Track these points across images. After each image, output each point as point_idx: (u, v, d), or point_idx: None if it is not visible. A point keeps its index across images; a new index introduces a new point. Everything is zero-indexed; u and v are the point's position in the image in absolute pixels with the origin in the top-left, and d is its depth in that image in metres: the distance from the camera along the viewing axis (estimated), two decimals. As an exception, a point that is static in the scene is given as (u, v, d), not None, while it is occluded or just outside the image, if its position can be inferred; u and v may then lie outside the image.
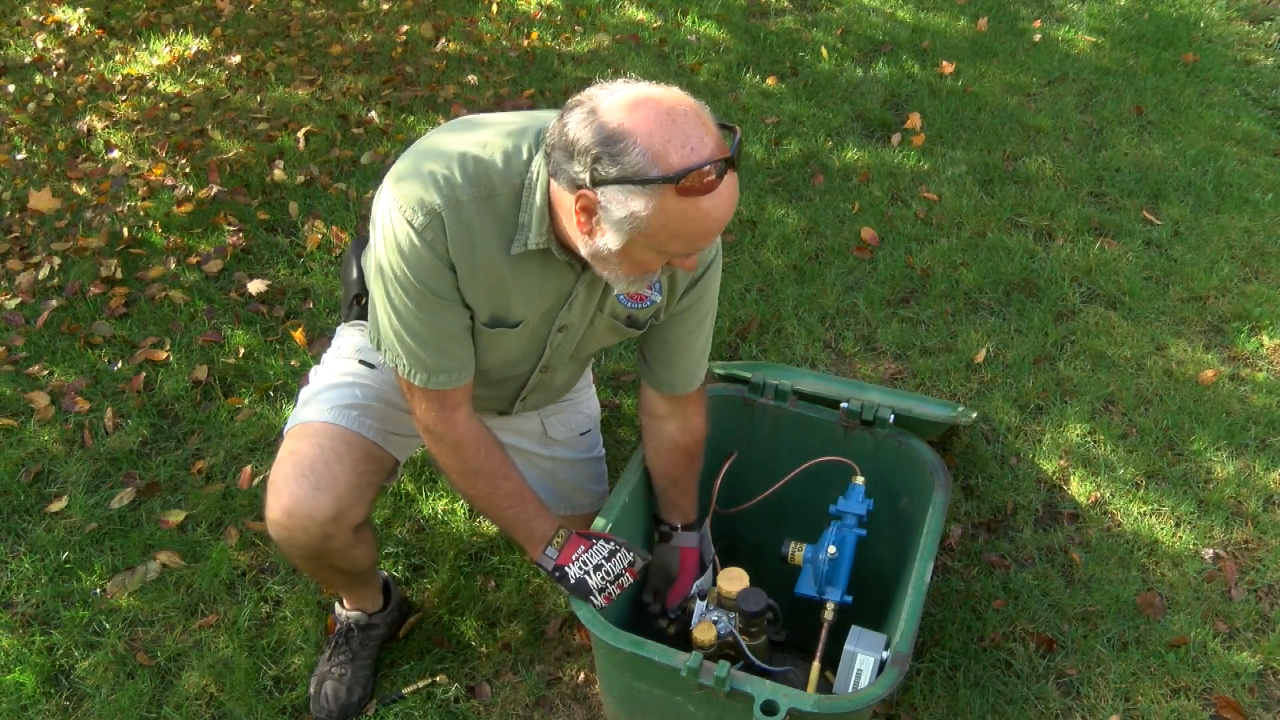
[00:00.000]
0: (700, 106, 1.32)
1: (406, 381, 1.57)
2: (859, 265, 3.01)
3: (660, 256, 1.39)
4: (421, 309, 1.49)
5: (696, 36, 4.22)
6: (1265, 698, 1.96)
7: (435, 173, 1.43)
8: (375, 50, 4.20)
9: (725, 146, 1.31)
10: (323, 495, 1.64)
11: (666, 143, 1.27)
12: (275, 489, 1.66)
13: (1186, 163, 3.43)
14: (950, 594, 2.14)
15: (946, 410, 2.05)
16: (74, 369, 2.72)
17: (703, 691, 1.49)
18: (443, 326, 1.52)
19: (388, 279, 1.49)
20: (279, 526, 1.66)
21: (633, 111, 1.29)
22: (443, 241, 1.44)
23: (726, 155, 1.30)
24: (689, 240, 1.36)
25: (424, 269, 1.46)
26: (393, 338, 1.54)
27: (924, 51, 4.09)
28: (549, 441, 1.99)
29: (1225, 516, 2.28)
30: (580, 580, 1.60)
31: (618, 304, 1.63)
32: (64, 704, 1.98)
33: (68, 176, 3.48)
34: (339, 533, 1.67)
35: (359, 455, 1.70)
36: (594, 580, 1.60)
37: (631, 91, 1.32)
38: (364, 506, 1.71)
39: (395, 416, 1.79)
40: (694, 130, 1.29)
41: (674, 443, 1.80)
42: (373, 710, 1.95)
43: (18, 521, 2.34)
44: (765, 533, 1.97)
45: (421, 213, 1.43)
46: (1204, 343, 2.74)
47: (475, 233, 1.45)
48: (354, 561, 1.78)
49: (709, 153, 1.28)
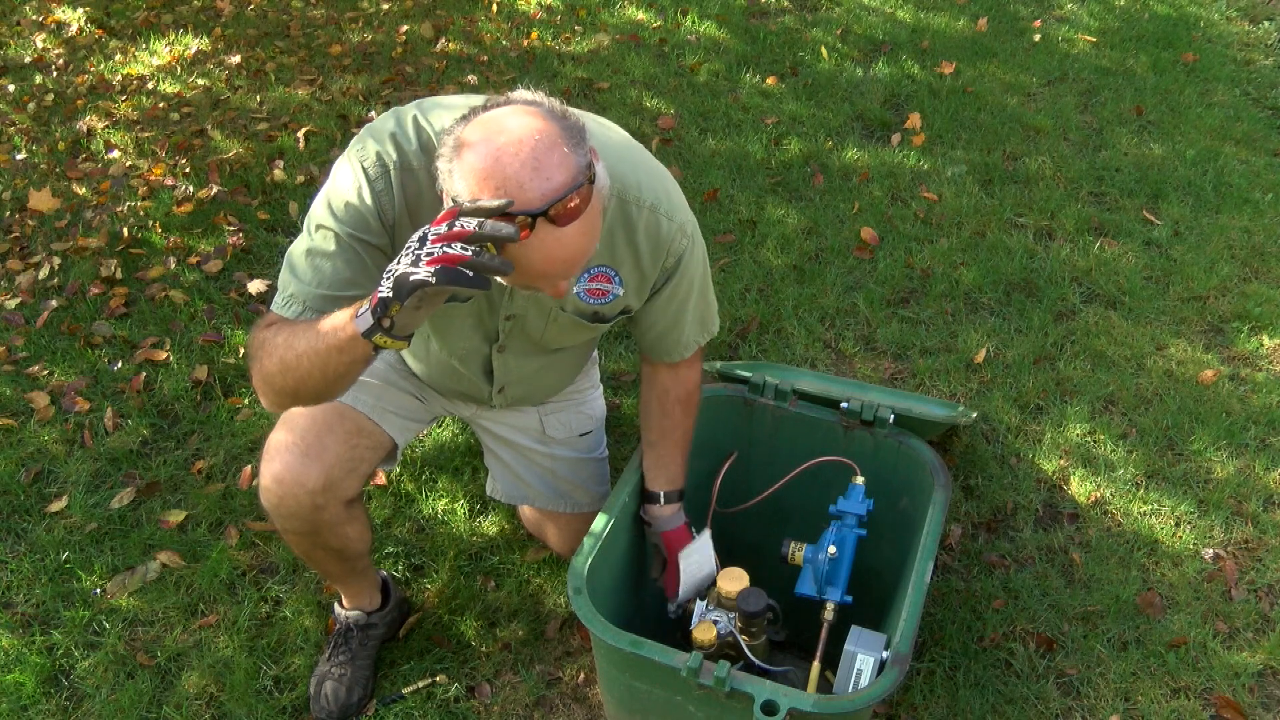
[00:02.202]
0: (555, 146, 1.23)
1: (269, 316, 1.47)
2: (859, 265, 3.01)
3: (509, 279, 1.33)
4: (339, 252, 1.44)
5: (696, 36, 4.22)
6: (1265, 698, 1.96)
7: (395, 134, 1.45)
8: (375, 50, 4.20)
9: (550, 199, 1.22)
10: (312, 463, 1.65)
11: (483, 179, 1.22)
12: (268, 457, 1.68)
13: (1186, 163, 3.43)
14: (950, 594, 2.14)
15: (946, 410, 2.05)
16: (74, 369, 2.72)
17: (703, 691, 1.49)
18: (348, 271, 1.45)
19: (317, 216, 1.46)
20: (269, 493, 1.68)
21: (478, 140, 1.24)
22: (390, 196, 1.44)
23: (533, 211, 1.22)
24: (527, 278, 1.31)
25: (359, 219, 1.44)
26: (289, 270, 1.47)
27: (924, 51, 4.09)
28: (547, 440, 1.99)
29: (1225, 516, 2.28)
30: (395, 283, 1.22)
31: (579, 301, 1.62)
32: (64, 704, 1.98)
33: (68, 176, 3.48)
34: (329, 504, 1.68)
35: (351, 428, 1.72)
36: (403, 265, 1.23)
37: (499, 118, 1.26)
38: (356, 480, 1.73)
39: (393, 395, 1.80)
40: (518, 175, 1.21)
41: (664, 389, 1.81)
42: (373, 710, 1.95)
43: (18, 521, 2.34)
44: (765, 533, 1.97)
45: (376, 165, 1.43)
46: (1204, 343, 2.74)
47: (426, 198, 1.44)
48: (347, 541, 1.78)
49: (522, 203, 1.22)
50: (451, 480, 2.39)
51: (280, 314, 1.46)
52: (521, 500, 2.08)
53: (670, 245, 1.59)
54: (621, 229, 1.55)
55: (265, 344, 1.42)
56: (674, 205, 1.58)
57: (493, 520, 2.30)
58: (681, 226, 1.59)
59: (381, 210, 1.44)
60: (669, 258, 1.61)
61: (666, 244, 1.59)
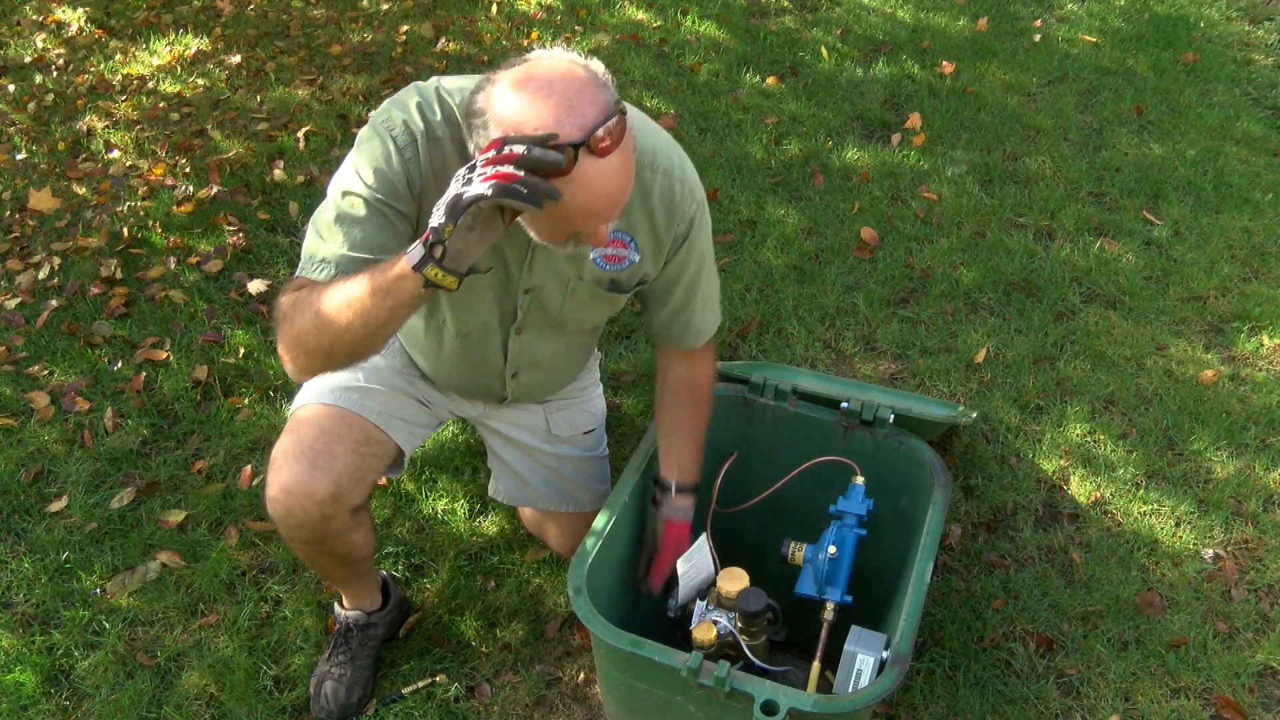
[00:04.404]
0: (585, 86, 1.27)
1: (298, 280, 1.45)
2: (859, 265, 3.01)
3: (549, 233, 1.38)
4: (369, 218, 1.44)
5: (696, 36, 4.22)
6: (1265, 698, 1.96)
7: (421, 104, 1.47)
8: (375, 50, 4.20)
9: (588, 130, 1.25)
10: (321, 474, 1.64)
11: (519, 125, 1.26)
12: (275, 467, 1.67)
13: (1186, 163, 3.43)
14: (950, 594, 2.14)
15: (946, 410, 2.05)
16: (74, 369, 2.72)
17: (703, 691, 1.49)
18: (379, 237, 1.45)
19: (345, 184, 1.46)
20: (277, 504, 1.66)
21: (506, 90, 1.29)
22: (417, 165, 1.45)
23: (574, 141, 1.25)
24: (569, 221, 1.34)
25: (389, 185, 1.44)
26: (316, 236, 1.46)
27: (924, 51, 4.09)
28: (553, 439, 1.99)
29: (1225, 516, 2.28)
30: (453, 201, 1.23)
31: (596, 269, 1.63)
32: (64, 704, 1.98)
33: (68, 176, 3.48)
34: (337, 514, 1.67)
35: (359, 437, 1.71)
36: (454, 192, 1.23)
37: (524, 69, 1.30)
38: (363, 489, 1.72)
39: (400, 402, 1.80)
40: (554, 113, 1.25)
41: (678, 379, 1.82)
42: (373, 710, 1.95)
43: (18, 521, 2.34)
44: (765, 533, 1.97)
45: (405, 134, 1.45)
46: (1204, 343, 2.74)
47: (451, 169, 1.44)
48: (352, 547, 1.77)
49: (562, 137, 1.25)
50: (451, 480, 2.40)
51: (310, 278, 1.44)
52: (524, 502, 2.09)
53: (683, 209, 1.62)
54: (637, 193, 1.56)
55: (298, 302, 1.39)
56: (685, 171, 1.62)
57: (493, 520, 2.30)
58: (692, 191, 1.62)
59: (410, 178, 1.45)
60: (681, 222, 1.63)
61: (679, 208, 1.61)
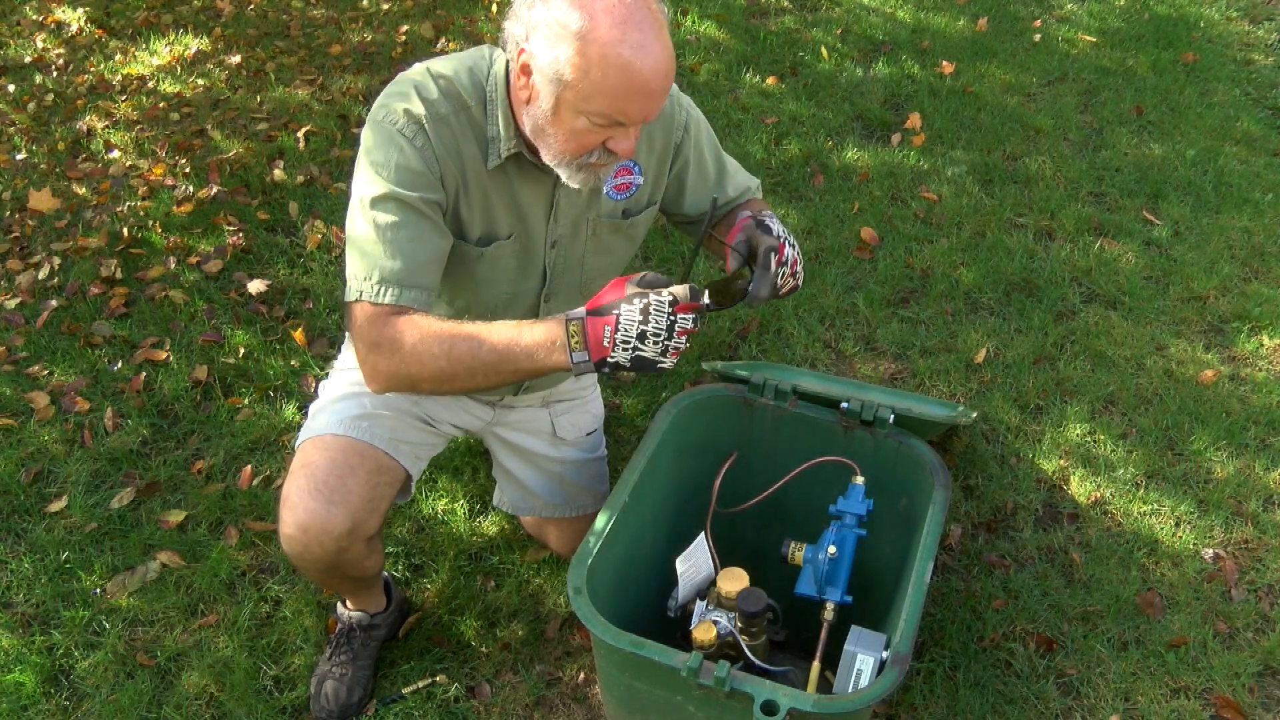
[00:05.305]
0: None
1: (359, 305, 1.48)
2: (859, 265, 3.01)
3: (593, 126, 1.40)
4: (405, 221, 1.47)
5: (696, 36, 4.22)
6: (1265, 698, 1.96)
7: (417, 88, 1.49)
8: (375, 50, 4.20)
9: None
10: (337, 509, 1.63)
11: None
12: (289, 504, 1.64)
13: (1186, 163, 3.43)
14: (950, 594, 2.14)
15: (946, 410, 2.04)
16: (74, 369, 2.72)
17: (703, 691, 1.49)
18: (423, 239, 1.49)
19: (368, 193, 1.48)
20: (293, 541, 1.65)
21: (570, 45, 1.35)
22: (431, 150, 1.48)
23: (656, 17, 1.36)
24: (614, 97, 1.37)
25: (411, 178, 1.47)
26: (361, 254, 1.48)
27: (924, 51, 4.09)
28: (558, 442, 2.00)
29: (1225, 516, 2.28)
30: (637, 359, 1.38)
31: (610, 201, 1.67)
32: (64, 704, 1.98)
33: (68, 176, 3.48)
34: (354, 545, 1.67)
35: (371, 467, 1.69)
36: (650, 349, 1.37)
37: None
38: (378, 518, 1.71)
39: (406, 426, 1.79)
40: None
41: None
42: (373, 710, 1.95)
43: (18, 521, 2.34)
44: (765, 533, 1.97)
45: (410, 123, 1.47)
46: (1204, 343, 2.74)
47: (461, 144, 1.50)
48: (365, 570, 1.79)
49: (638, 12, 1.34)
50: (451, 480, 2.40)
51: (378, 302, 1.46)
52: (529, 511, 2.11)
53: (674, 119, 1.69)
54: None
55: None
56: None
57: (493, 520, 2.30)
58: (678, 99, 1.69)
59: (428, 164, 1.49)
60: (677, 130, 1.70)
61: (670, 119, 1.68)
